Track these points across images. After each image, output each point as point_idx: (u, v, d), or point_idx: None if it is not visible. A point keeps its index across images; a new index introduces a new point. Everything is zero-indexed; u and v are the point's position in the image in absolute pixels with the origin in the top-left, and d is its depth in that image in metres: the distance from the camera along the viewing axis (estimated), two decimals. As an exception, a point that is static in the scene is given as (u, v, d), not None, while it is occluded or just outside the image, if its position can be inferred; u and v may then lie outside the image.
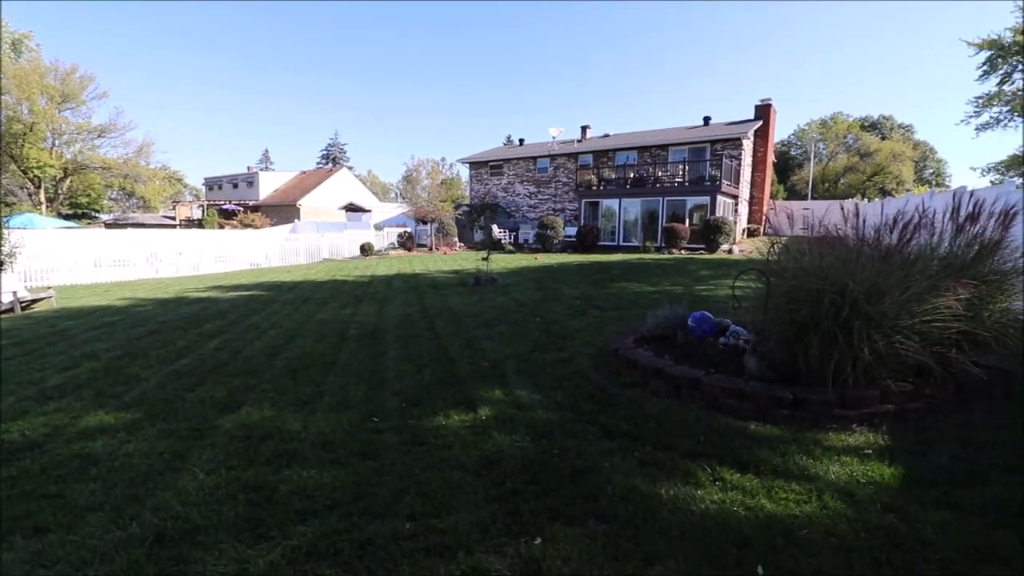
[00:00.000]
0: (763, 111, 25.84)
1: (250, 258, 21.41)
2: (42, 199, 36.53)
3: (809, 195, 42.95)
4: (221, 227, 32.11)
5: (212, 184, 49.97)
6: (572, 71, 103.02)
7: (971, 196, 4.73)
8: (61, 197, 39.03)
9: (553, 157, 28.90)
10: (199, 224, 36.85)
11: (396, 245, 26.91)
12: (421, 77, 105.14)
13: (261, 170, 49.97)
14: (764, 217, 25.85)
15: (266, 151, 75.79)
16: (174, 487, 2.98)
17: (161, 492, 2.92)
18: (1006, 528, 2.37)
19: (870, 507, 2.59)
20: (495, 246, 22.89)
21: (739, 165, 23.34)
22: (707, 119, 27.83)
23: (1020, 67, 35.51)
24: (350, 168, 54.45)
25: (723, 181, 20.75)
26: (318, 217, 35.84)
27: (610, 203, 23.19)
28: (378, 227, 30.62)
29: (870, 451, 3.16)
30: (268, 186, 44.23)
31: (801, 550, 2.26)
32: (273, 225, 32.74)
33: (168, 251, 19.23)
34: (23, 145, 34.67)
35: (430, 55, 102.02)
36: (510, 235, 26.40)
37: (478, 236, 27.72)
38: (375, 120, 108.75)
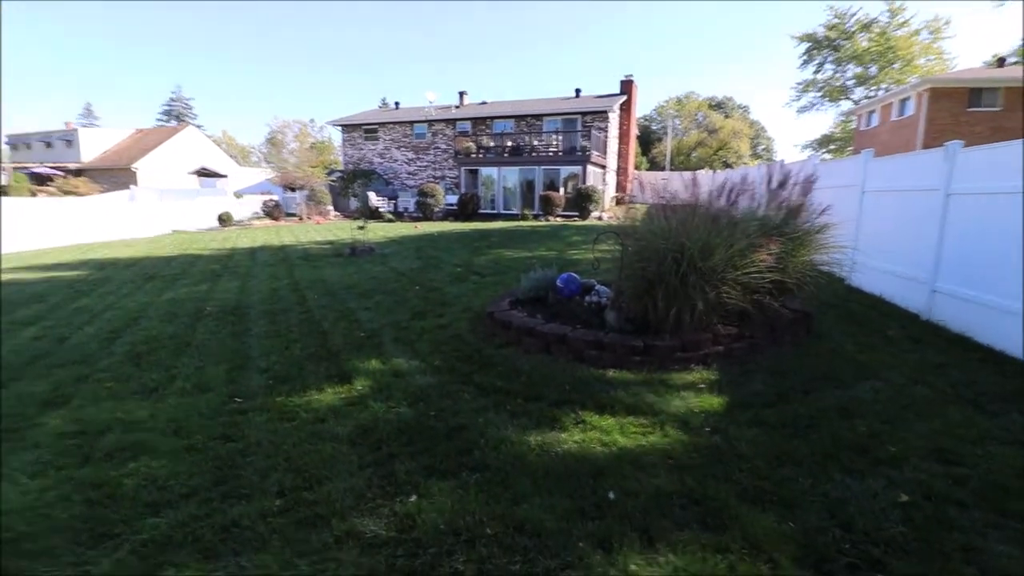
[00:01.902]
0: (627, 87, 27.53)
1: (76, 232, 18.09)
2: None
3: (667, 166, 47.13)
4: (33, 195, 26.55)
5: (17, 143, 40.86)
6: (450, 27, 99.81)
7: (781, 167, 5.58)
8: None
9: (431, 123, 28.14)
10: (3, 192, 30.12)
11: (261, 214, 24.52)
12: (277, 18, 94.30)
13: (83, 127, 41.87)
14: (628, 186, 27.92)
15: (88, 105, 63.38)
16: (-16, 499, 2.55)
17: (-35, 506, 2.49)
18: (799, 438, 2.97)
19: (700, 431, 3.07)
20: (373, 214, 21.95)
21: (606, 137, 24.77)
22: (578, 91, 28.94)
23: (830, 59, 42.08)
24: (199, 127, 47.83)
25: (593, 152, 21.93)
26: (162, 183, 31.22)
27: (489, 171, 23.35)
28: (238, 194, 27.57)
29: (703, 385, 3.71)
30: (94, 147, 37.29)
31: (645, 473, 2.62)
32: (104, 192, 27.86)
33: (-47, 225, 15.47)
34: None
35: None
36: (389, 203, 25.44)
37: (354, 204, 26.29)
38: (227, 70, 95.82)
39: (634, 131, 29.40)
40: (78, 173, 33.59)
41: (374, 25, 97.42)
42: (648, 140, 56.85)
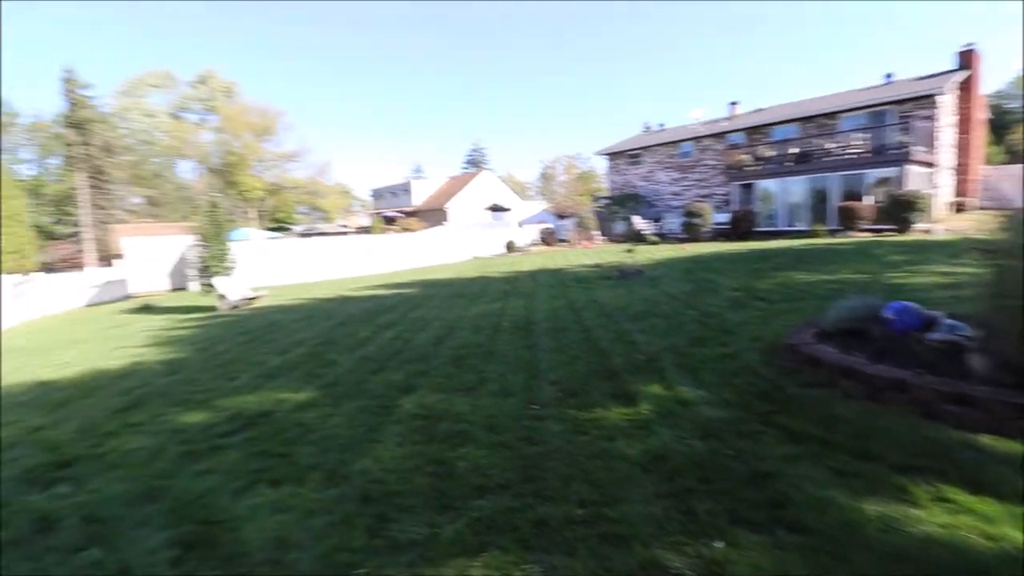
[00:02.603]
0: (966, 59, 21.07)
1: (409, 259, 23.73)
2: (253, 216, 44.73)
3: (1040, 156, 34.05)
4: (384, 232, 36.09)
5: (377, 194, 56.37)
6: (716, 44, 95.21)
7: None
8: (265, 214, 47.37)
9: (697, 139, 27.03)
10: (367, 231, 41.84)
11: (538, 241, 27.60)
12: (551, 70, 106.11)
13: (414, 179, 54.96)
14: (977, 187, 21.09)
15: (418, 163, 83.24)
16: (372, 455, 3.42)
17: (362, 459, 3.38)
18: None
19: None
20: (637, 237, 22.17)
21: (935, 127, 19.37)
22: (889, 76, 23.60)
23: None
24: (491, 171, 57.20)
25: (915, 148, 17.41)
26: (465, 218, 38.33)
27: (767, 184, 20.95)
28: (520, 224, 31.69)
29: None
30: (421, 193, 48.54)
31: (1076, 596, 1.80)
32: (427, 228, 35.84)
33: (345, 255, 22.19)
34: (237, 173, 42.81)
35: (557, 47, 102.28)
36: (653, 225, 25.36)
37: (619, 228, 27.12)
38: (511, 122, 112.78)
39: (980, 115, 22.24)
40: (412, 214, 43.94)
41: (629, 54, 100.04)
42: (1003, 124, 42.35)
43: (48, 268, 28.77)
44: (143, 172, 44.68)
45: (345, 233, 39.48)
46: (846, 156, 19.30)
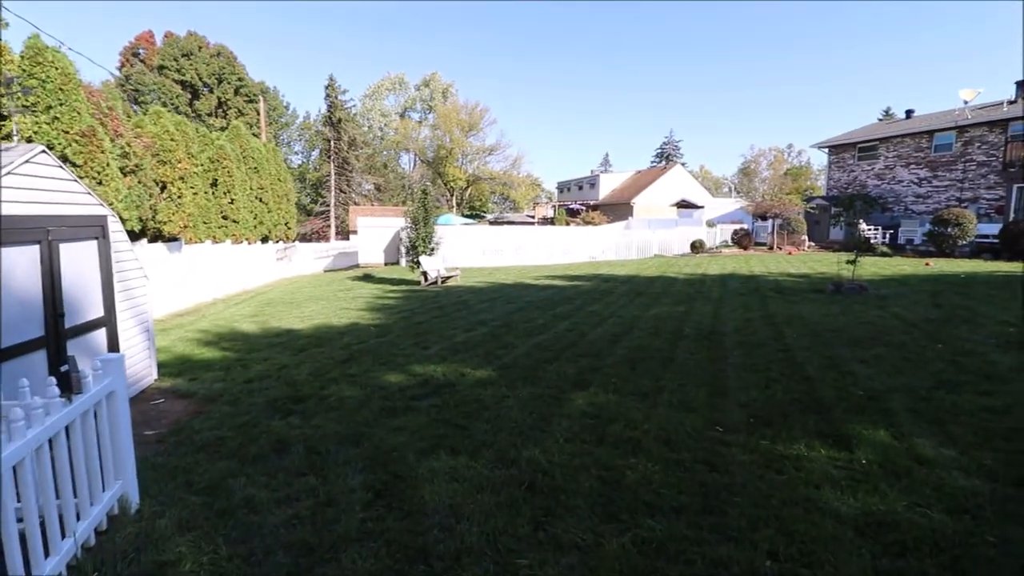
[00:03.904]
0: None
1: (589, 251, 23.79)
2: (454, 204, 49.81)
3: None
4: (567, 224, 36.84)
5: (562, 187, 57.80)
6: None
7: None
8: (464, 202, 52.31)
9: (962, 129, 21.39)
10: (551, 222, 43.26)
11: (730, 243, 25.19)
12: (761, 70, 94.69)
13: (601, 172, 54.72)
14: None
15: (607, 155, 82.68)
16: (541, 444, 3.45)
17: (532, 447, 3.43)
18: None
19: None
20: (863, 246, 18.63)
21: None
22: None
23: None
24: (683, 165, 53.96)
25: None
26: (650, 214, 36.92)
27: (1073, 188, 15.62)
28: (710, 224, 29.29)
29: None
30: (607, 186, 48.21)
31: None
32: (610, 223, 35.50)
33: (528, 244, 23.25)
34: (445, 165, 48.00)
35: (773, 42, 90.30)
36: (884, 233, 21.03)
37: (835, 234, 23.15)
38: (710, 114, 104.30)
39: None
40: (595, 208, 43.96)
41: (863, 23, 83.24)
42: None
43: (303, 239, 36.26)
44: (375, 163, 53.14)
45: (530, 223, 41.43)
46: None
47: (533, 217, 47.40)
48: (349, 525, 2.60)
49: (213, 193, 14.19)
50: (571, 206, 46.09)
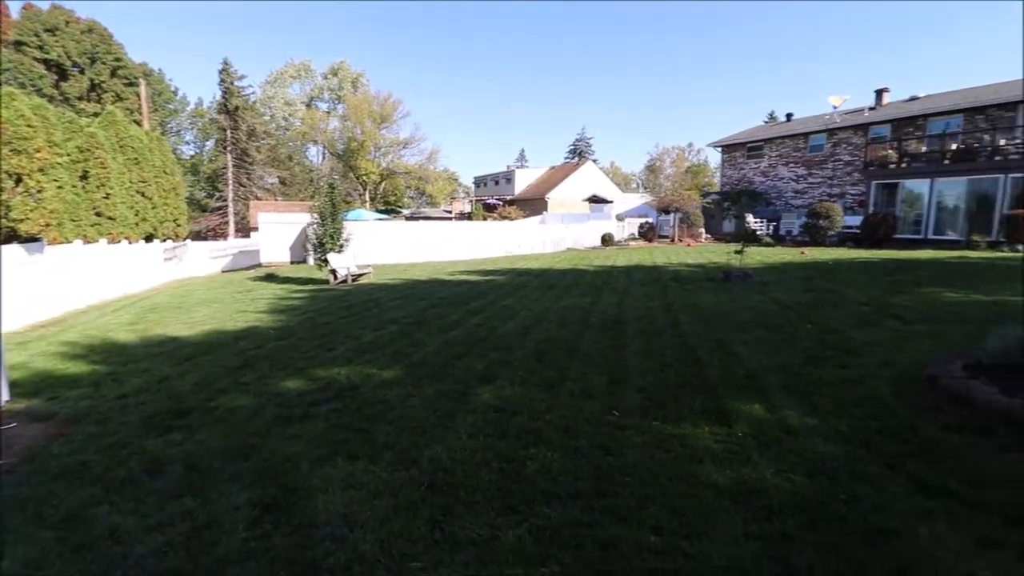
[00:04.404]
0: None
1: (505, 246, 24.02)
2: (367, 198, 48.05)
3: None
4: (485, 219, 36.92)
5: (479, 182, 57.81)
6: (858, 28, 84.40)
7: None
8: (378, 196, 50.64)
9: (832, 131, 24.17)
10: (468, 216, 43.15)
11: (637, 236, 26.58)
12: (665, 68, 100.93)
13: (517, 167, 55.40)
14: None
15: (523, 150, 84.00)
16: (444, 442, 3.40)
17: (434, 445, 3.37)
18: None
19: None
20: (750, 238, 20.45)
21: None
22: (1099, 59, 19.26)
23: None
24: (595, 161, 56.04)
25: None
26: (564, 209, 38.00)
27: (915, 184, 18.17)
28: (619, 218, 30.71)
29: None
30: (523, 182, 48.90)
31: None
32: (526, 217, 36.06)
33: (445, 239, 23.02)
34: (356, 158, 46.13)
35: (675, 46, 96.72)
36: (768, 225, 23.24)
37: (728, 226, 25.24)
38: (620, 112, 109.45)
39: None
40: (511, 203, 44.45)
41: (754, 30, 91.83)
42: None
43: (198, 236, 33.23)
44: (279, 155, 49.82)
45: (447, 218, 41.05)
46: (1022, 154, 16.15)
47: (450, 212, 46.99)
48: (230, 546, 2.40)
49: (84, 187, 12.56)
50: (488, 201, 46.20)
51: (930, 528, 2.31)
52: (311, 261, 17.10)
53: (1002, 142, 17.32)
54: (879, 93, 25.58)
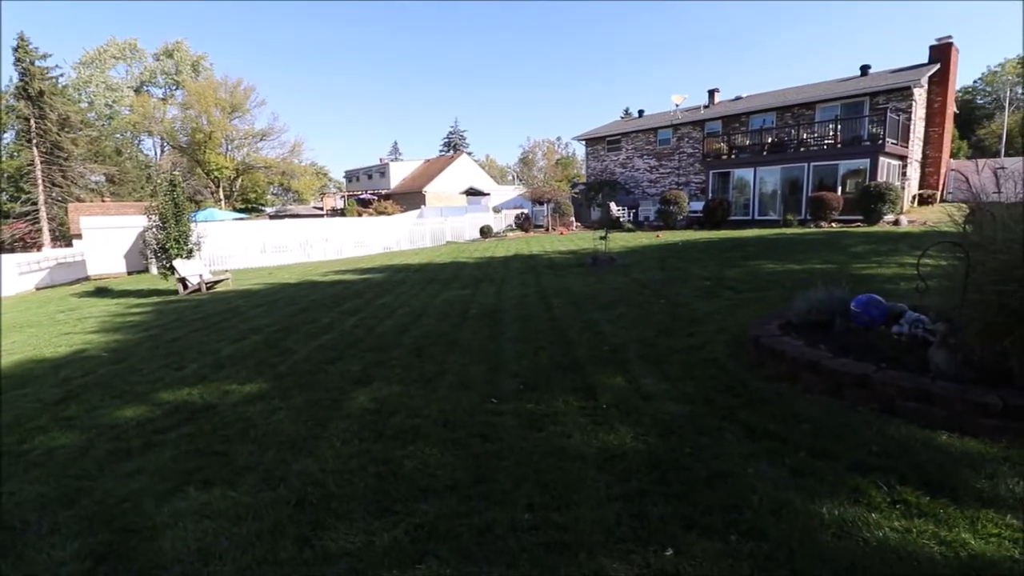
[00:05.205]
0: (941, 52, 21.35)
1: (383, 242, 23.25)
2: (221, 196, 43.28)
3: (1002, 151, 35.13)
4: (359, 215, 35.29)
5: (351, 176, 55.08)
6: (698, 30, 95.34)
7: None
8: (235, 194, 45.89)
9: (676, 127, 26.99)
10: (341, 213, 40.92)
11: (514, 227, 27.35)
12: (535, 52, 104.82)
13: (391, 161, 53.76)
14: (942, 180, 21.59)
15: (395, 143, 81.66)
16: (315, 454, 3.21)
17: (304, 458, 3.16)
18: None
19: None
20: (613, 224, 22.12)
21: (908, 120, 19.65)
22: (865, 68, 23.83)
23: None
24: (470, 154, 56.39)
25: (887, 140, 17.65)
26: (441, 202, 37.76)
27: (743, 173, 21.06)
28: (496, 209, 31.34)
29: None
30: (398, 175, 47.59)
31: (1031, 608, 1.73)
32: (403, 211, 35.19)
33: (317, 238, 21.60)
34: (204, 151, 41.25)
35: (542, 30, 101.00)
36: (629, 212, 25.34)
37: (595, 215, 27.05)
38: (492, 105, 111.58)
39: (951, 109, 22.68)
40: (387, 197, 43.09)
41: (614, 32, 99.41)
42: (969, 119, 43.60)
43: (1, 248, 27.35)
44: (103, 148, 42.61)
45: (319, 215, 38.55)
46: (820, 146, 19.50)
47: (322, 209, 44.20)
48: (50, 611, 2.03)
49: None
50: (362, 196, 44.27)
51: (754, 467, 2.71)
52: (154, 270, 15.01)
53: (804, 136, 20.73)
54: (711, 93, 29.07)
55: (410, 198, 41.40)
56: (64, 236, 32.50)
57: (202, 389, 4.65)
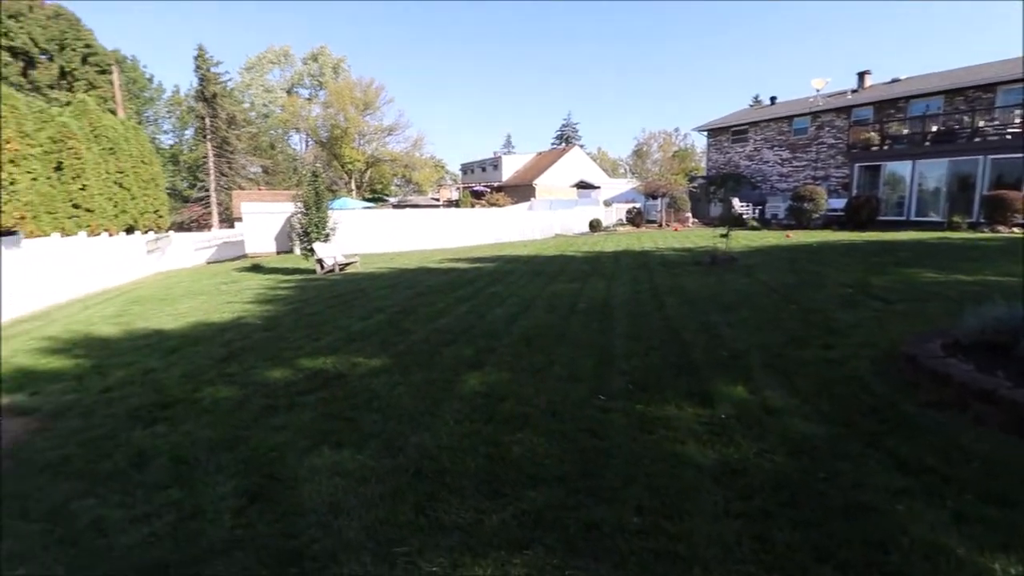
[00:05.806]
0: None
1: (494, 233, 23.95)
2: (353, 187, 47.49)
3: None
4: (472, 206, 36.69)
5: (467, 169, 57.35)
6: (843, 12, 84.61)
7: None
8: (364, 185, 50.08)
9: (816, 115, 24.27)
10: (456, 204, 42.84)
11: (624, 221, 26.64)
12: (651, 53, 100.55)
13: (504, 154, 54.98)
14: None
15: (508, 136, 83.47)
16: (431, 429, 3.41)
17: (421, 432, 3.38)
18: None
19: None
20: (735, 222, 20.57)
21: None
22: (1077, 40, 19.48)
23: None
24: (581, 147, 55.80)
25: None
26: (551, 195, 37.88)
27: (897, 166, 18.37)
28: (607, 203, 30.72)
29: None
30: (510, 168, 48.60)
31: None
32: (514, 203, 35.91)
33: (432, 227, 22.88)
34: (341, 146, 45.46)
35: (659, 13, 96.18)
36: (754, 209, 23.39)
37: (715, 211, 25.39)
38: (606, 96, 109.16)
39: None
40: (499, 189, 44.20)
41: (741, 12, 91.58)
42: None
43: (181, 228, 32.67)
44: (261, 143, 48.92)
45: (435, 206, 40.73)
46: (1003, 136, 16.35)
47: (438, 200, 46.59)
48: (215, 536, 2.39)
49: (59, 178, 12.24)
50: (475, 188, 45.89)
51: (906, 504, 2.37)
52: (297, 251, 16.93)
53: (981, 123, 17.53)
54: (861, 76, 25.69)
55: (521, 190, 42.09)
56: (228, 219, 37.95)
57: (335, 359, 5.16)
